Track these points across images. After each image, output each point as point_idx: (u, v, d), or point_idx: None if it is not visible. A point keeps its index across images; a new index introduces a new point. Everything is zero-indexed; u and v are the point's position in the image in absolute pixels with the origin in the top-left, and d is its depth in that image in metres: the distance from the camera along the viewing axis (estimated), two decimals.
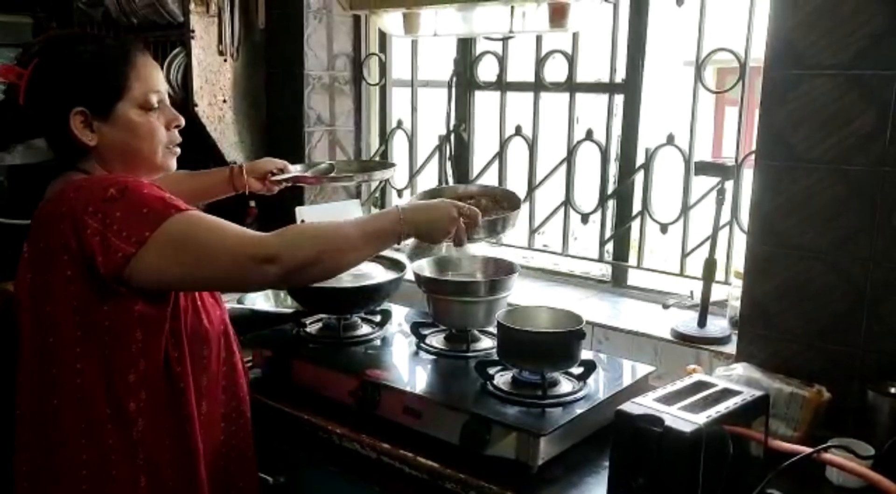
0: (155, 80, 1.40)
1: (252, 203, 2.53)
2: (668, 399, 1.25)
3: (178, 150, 1.46)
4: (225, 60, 2.38)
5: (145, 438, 1.35)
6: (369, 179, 1.99)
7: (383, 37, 2.54)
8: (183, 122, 1.44)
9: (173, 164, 1.46)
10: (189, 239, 1.28)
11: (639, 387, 1.60)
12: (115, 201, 1.26)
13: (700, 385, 1.32)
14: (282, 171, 1.85)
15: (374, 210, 2.68)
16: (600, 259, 2.16)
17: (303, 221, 2.30)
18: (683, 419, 1.17)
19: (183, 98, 2.35)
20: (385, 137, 2.59)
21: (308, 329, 1.86)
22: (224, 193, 1.83)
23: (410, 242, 1.84)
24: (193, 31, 2.28)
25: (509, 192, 1.78)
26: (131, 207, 1.26)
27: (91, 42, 1.40)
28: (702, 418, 1.18)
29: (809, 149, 1.51)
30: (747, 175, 1.78)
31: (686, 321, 1.83)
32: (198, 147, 2.50)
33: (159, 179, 1.76)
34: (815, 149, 1.51)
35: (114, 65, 1.35)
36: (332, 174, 1.93)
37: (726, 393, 1.29)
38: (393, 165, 1.98)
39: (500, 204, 1.73)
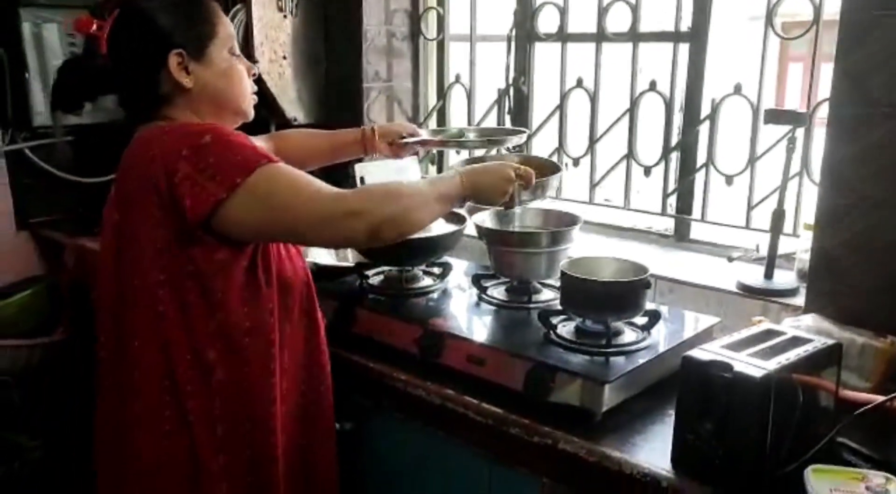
0: (232, 28, 1.43)
1: None
2: (737, 346, 1.24)
3: (256, 98, 1.49)
4: (284, 17, 2.39)
5: (223, 388, 1.36)
6: (499, 144, 1.89)
7: None
8: (258, 71, 1.48)
9: (252, 113, 1.49)
10: (278, 189, 1.28)
11: (703, 338, 1.58)
12: (208, 147, 1.27)
13: (769, 333, 1.31)
14: (412, 135, 1.85)
15: (432, 168, 2.68)
16: (663, 213, 2.13)
17: (362, 179, 2.32)
18: (753, 365, 1.16)
19: (244, 55, 2.37)
20: (443, 93, 2.58)
21: (371, 281, 1.89)
22: (354, 154, 1.87)
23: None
24: None
25: (548, 160, 1.81)
26: (224, 153, 1.27)
27: None
28: (772, 364, 1.17)
29: (887, 95, 1.46)
30: (818, 129, 1.73)
31: (752, 274, 1.80)
32: (258, 103, 2.53)
33: (294, 132, 1.88)
34: (893, 95, 1.45)
35: (200, 10, 1.38)
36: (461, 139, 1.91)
37: (796, 341, 1.27)
38: (523, 131, 1.88)
39: (542, 171, 1.73)
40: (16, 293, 2.36)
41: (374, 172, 2.37)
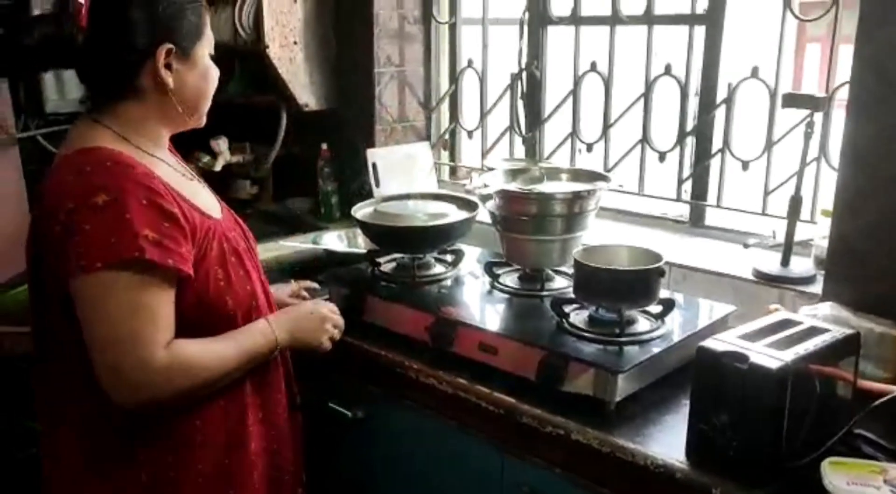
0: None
1: (324, 145, 2.55)
2: (752, 336, 1.22)
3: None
4: (295, 1, 2.37)
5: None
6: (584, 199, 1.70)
7: None
8: (218, 72, 1.38)
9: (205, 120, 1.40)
10: (113, 301, 1.15)
11: (718, 327, 1.56)
12: (94, 211, 1.14)
13: (785, 323, 1.29)
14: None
15: (444, 153, 2.66)
16: (678, 199, 2.10)
17: (374, 165, 2.32)
18: (769, 356, 1.14)
19: (254, 40, 2.35)
20: (455, 77, 2.55)
21: (382, 268, 1.88)
22: None
23: (483, 181, 1.83)
24: None
25: (596, 172, 1.82)
26: (104, 227, 1.14)
27: None
28: (789, 355, 1.15)
29: None
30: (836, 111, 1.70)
31: (768, 261, 1.78)
32: (270, 89, 2.52)
33: None
34: None
35: (198, 5, 1.30)
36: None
37: (813, 331, 1.25)
38: (606, 178, 1.79)
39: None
40: None
41: (385, 157, 2.37)
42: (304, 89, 2.46)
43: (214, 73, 1.34)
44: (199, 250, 1.26)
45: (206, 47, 1.32)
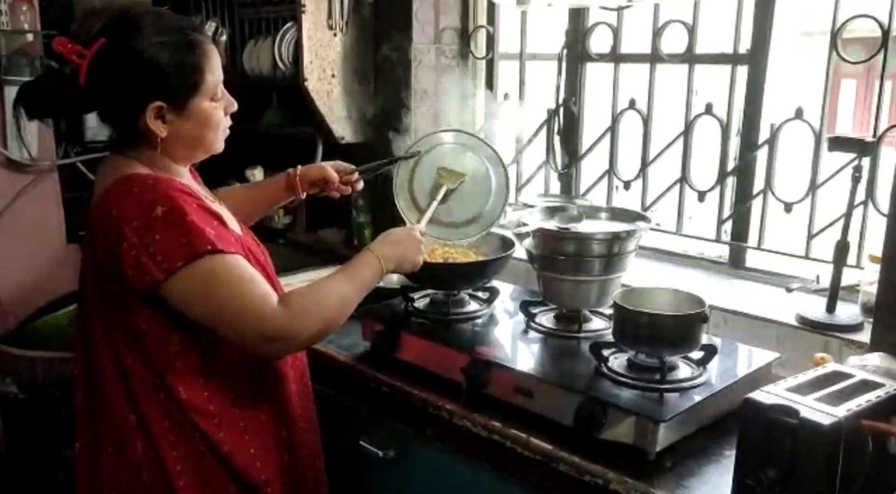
0: (220, 69, 1.38)
1: None
2: (802, 389, 1.18)
3: (228, 132, 1.45)
4: (334, 35, 2.39)
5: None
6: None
7: (492, 9, 2.48)
8: (236, 107, 1.43)
9: (222, 147, 1.45)
10: (211, 288, 1.26)
11: (762, 375, 1.53)
12: (157, 222, 1.24)
13: (836, 376, 1.24)
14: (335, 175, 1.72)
15: None
16: (717, 239, 2.06)
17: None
18: (821, 412, 1.10)
19: (293, 73, 2.37)
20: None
21: (416, 304, 1.86)
22: (286, 199, 1.77)
23: (520, 219, 1.81)
24: (304, 6, 2.29)
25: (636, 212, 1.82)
26: (172, 232, 1.24)
27: (162, 30, 1.31)
28: (841, 411, 1.11)
29: None
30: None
31: (812, 307, 1.73)
32: (306, 121, 2.54)
33: (229, 191, 1.76)
34: None
35: (191, 60, 1.31)
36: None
37: (866, 385, 1.21)
38: (646, 219, 1.76)
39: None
40: (65, 306, 2.38)
41: None
42: (341, 122, 2.48)
43: (215, 118, 1.38)
44: None
45: (204, 99, 1.35)
